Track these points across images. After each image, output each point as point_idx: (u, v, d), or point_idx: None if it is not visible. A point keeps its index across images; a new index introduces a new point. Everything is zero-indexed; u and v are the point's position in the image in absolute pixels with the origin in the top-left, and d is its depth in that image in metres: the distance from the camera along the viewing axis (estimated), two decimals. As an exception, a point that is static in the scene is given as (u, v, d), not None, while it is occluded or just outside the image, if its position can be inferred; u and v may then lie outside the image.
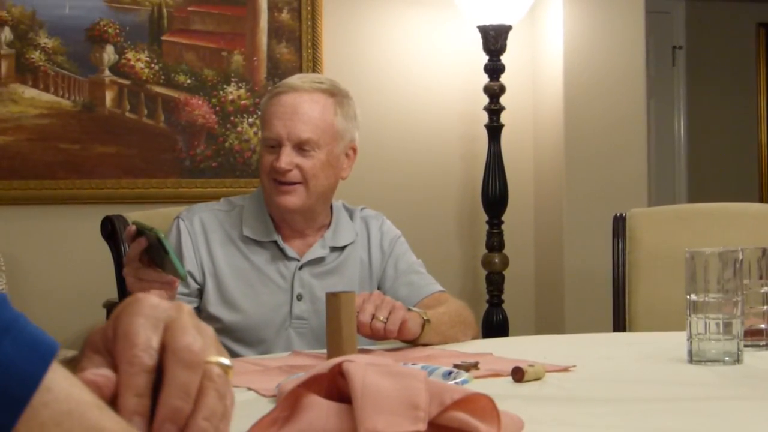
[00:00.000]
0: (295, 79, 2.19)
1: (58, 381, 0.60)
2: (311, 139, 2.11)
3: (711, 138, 6.26)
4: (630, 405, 1.38)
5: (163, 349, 0.69)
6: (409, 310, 1.93)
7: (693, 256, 1.72)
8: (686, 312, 1.71)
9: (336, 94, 2.18)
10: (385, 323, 1.84)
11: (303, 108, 2.12)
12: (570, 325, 4.07)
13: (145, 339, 0.69)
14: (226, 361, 0.72)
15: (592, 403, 1.39)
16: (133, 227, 1.74)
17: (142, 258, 1.75)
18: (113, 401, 0.67)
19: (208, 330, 0.73)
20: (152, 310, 0.71)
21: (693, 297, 1.71)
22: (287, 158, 2.10)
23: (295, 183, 2.12)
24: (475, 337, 2.13)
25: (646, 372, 1.68)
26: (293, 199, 2.12)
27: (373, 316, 1.84)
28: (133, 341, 0.68)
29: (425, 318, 1.95)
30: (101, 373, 0.68)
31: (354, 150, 2.23)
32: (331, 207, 2.26)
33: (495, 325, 4.08)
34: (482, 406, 1.09)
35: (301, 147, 2.11)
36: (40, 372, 0.59)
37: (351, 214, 2.28)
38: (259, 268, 2.17)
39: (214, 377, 0.70)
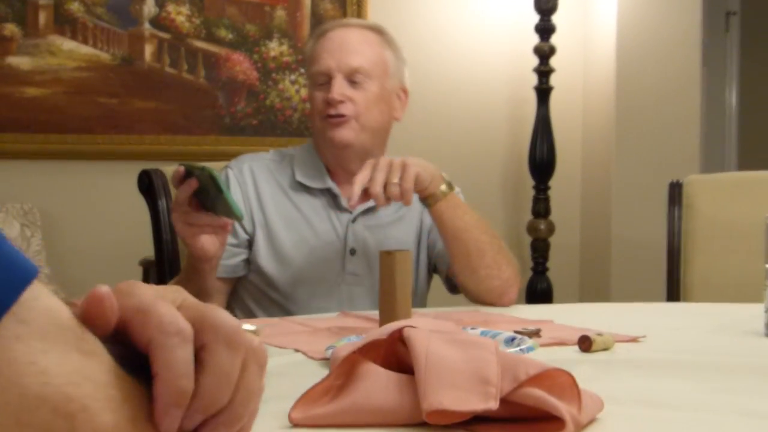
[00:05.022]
0: (340, 20, 2.18)
1: (40, 289, 0.50)
2: (362, 68, 2.04)
3: (763, 106, 6.09)
4: (710, 380, 1.27)
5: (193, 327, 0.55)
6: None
7: (772, 222, 1.60)
8: (765, 282, 1.60)
9: (384, 33, 2.13)
10: (400, 184, 1.81)
11: (352, 40, 2.06)
12: (615, 295, 3.95)
13: (170, 309, 0.55)
14: (251, 326, 0.61)
15: (667, 376, 1.28)
16: (182, 168, 1.65)
17: (190, 202, 1.67)
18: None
19: None
20: (156, 292, 0.57)
21: (772, 266, 1.60)
22: (339, 89, 2.02)
23: (347, 116, 2.03)
24: (513, 277, 2.01)
25: (720, 344, 1.57)
26: (346, 132, 2.03)
27: (386, 184, 1.80)
28: (158, 311, 0.55)
29: (447, 183, 1.93)
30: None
31: (405, 92, 2.16)
32: None
33: (539, 293, 3.98)
34: (561, 382, 0.98)
35: (352, 78, 2.03)
36: (11, 295, 0.48)
37: None
38: (309, 219, 2.07)
39: (256, 349, 0.58)
